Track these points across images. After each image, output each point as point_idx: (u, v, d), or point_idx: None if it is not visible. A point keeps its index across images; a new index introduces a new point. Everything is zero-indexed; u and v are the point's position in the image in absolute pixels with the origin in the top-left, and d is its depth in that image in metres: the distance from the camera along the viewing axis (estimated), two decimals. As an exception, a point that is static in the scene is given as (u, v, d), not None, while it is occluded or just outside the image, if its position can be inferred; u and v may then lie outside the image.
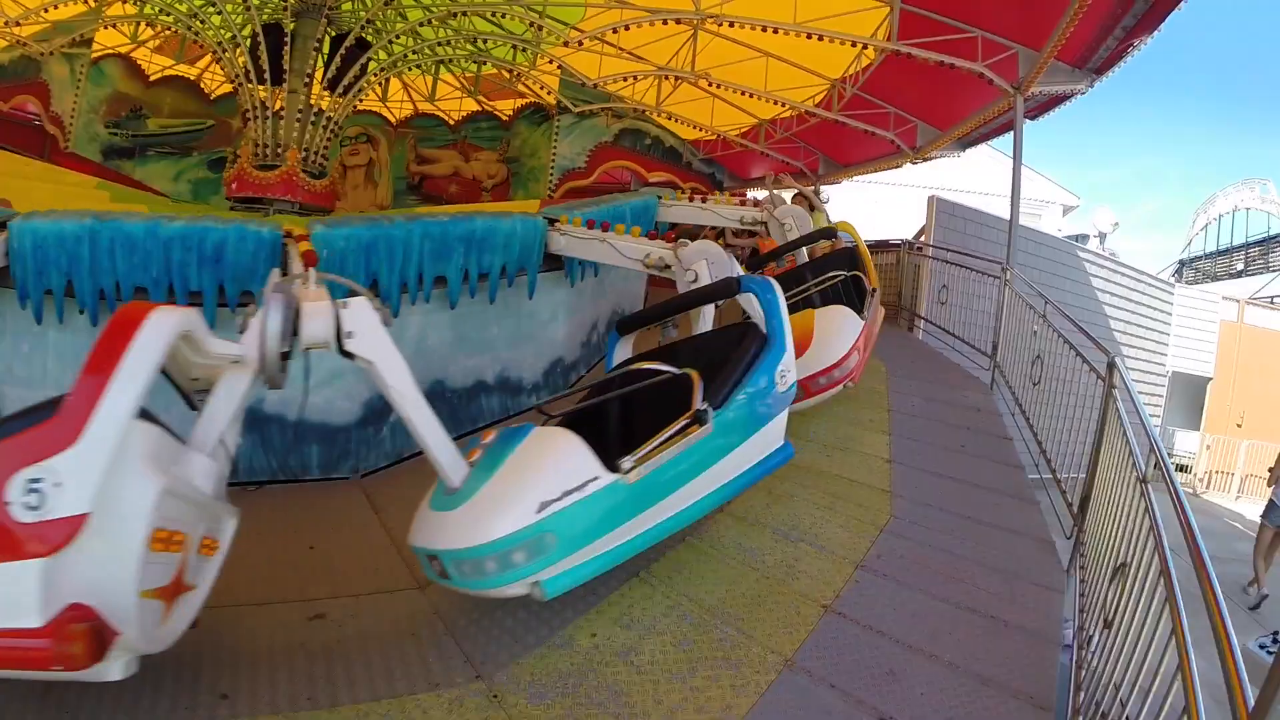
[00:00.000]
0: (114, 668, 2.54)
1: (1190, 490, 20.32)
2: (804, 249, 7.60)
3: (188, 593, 2.89)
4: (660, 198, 8.45)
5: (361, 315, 3.25)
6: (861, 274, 6.93)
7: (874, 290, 6.80)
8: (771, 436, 4.31)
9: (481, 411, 6.69)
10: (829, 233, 7.57)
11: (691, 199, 8.32)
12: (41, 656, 2.35)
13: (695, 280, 5.21)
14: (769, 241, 7.88)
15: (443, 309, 6.20)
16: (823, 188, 11.43)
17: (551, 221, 6.68)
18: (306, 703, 2.97)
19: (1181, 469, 20.82)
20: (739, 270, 5.46)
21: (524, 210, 7.54)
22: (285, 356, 3.14)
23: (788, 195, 9.50)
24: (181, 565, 2.77)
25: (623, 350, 5.14)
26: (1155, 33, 8.66)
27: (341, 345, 3.23)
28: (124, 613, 2.48)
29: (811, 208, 8.64)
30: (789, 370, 4.33)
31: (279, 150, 11.76)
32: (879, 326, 7.21)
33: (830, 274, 6.89)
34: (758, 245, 9.02)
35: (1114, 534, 3.70)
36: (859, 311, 6.30)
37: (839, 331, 6.05)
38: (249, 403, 3.26)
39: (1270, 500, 10.82)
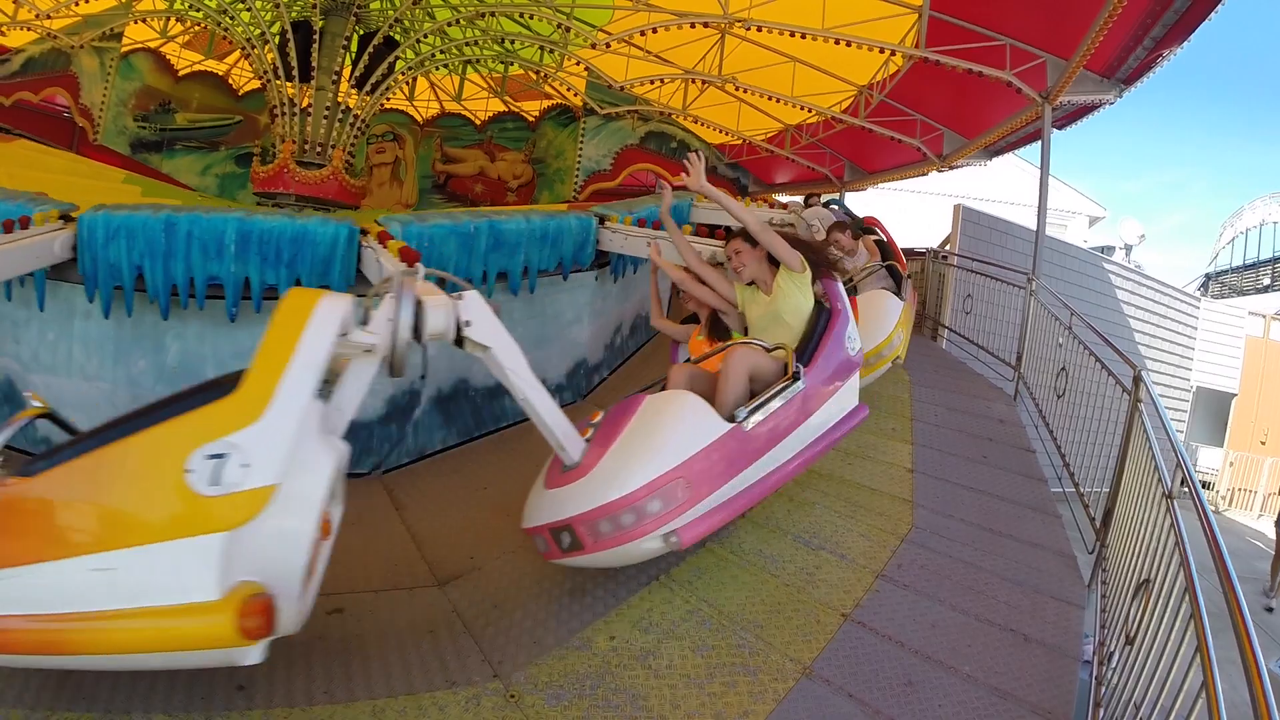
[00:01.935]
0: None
1: (1212, 507, 20.08)
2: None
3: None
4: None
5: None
6: None
7: None
8: None
9: (504, 411, 6.71)
10: None
11: None
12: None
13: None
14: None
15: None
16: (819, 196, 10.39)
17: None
18: (323, 696, 2.99)
19: (1204, 485, 20.61)
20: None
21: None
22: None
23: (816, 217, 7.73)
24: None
25: None
26: (1184, 43, 8.59)
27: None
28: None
29: (834, 246, 6.54)
30: None
31: (322, 149, 11.88)
32: None
33: None
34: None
35: (1137, 550, 3.67)
36: None
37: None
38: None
39: None
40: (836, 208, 8.77)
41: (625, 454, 3.60)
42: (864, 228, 7.67)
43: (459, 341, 3.35)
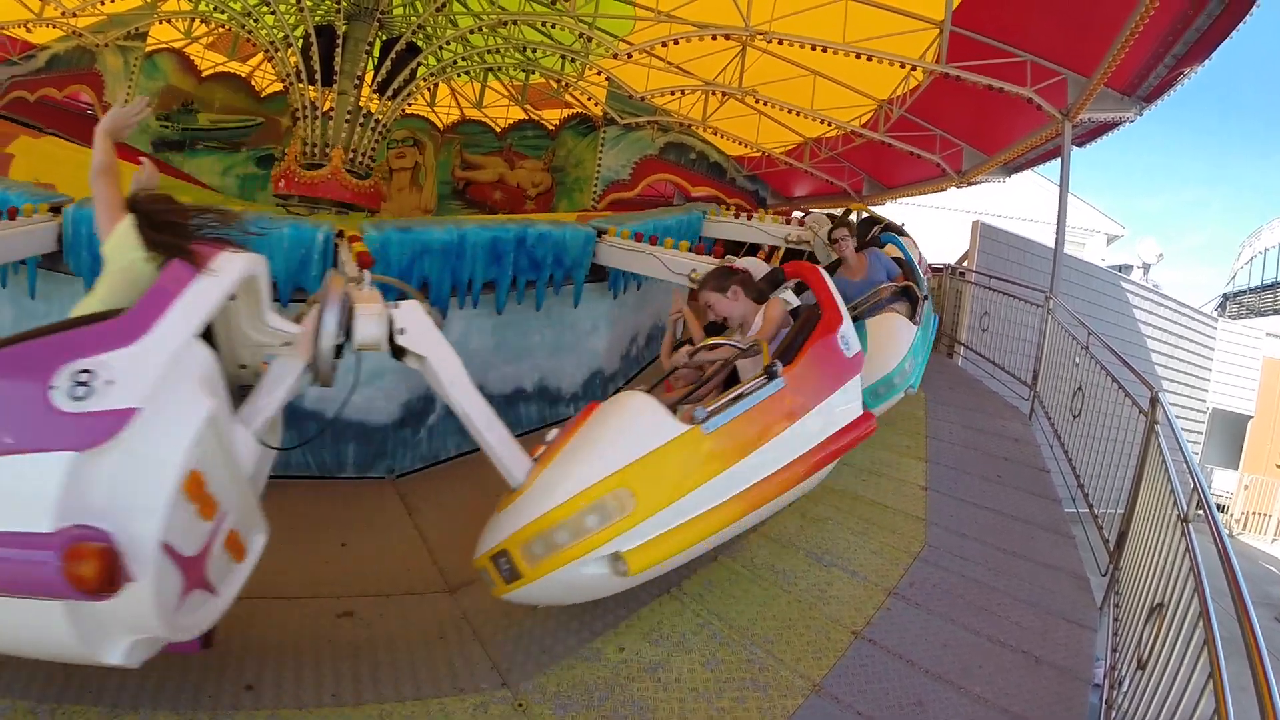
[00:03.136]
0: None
1: (1226, 531, 19.90)
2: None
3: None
4: None
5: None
6: None
7: None
8: None
9: (519, 419, 6.72)
10: None
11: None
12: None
13: None
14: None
15: (486, 314, 6.24)
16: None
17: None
18: (330, 699, 3.00)
19: (1219, 509, 20.42)
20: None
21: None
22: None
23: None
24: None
25: None
26: (1205, 62, 8.57)
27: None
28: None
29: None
30: None
31: (325, 150, 11.91)
32: None
33: None
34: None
35: (1151, 573, 3.65)
36: None
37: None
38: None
39: None
40: (892, 246, 7.21)
41: None
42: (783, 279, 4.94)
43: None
